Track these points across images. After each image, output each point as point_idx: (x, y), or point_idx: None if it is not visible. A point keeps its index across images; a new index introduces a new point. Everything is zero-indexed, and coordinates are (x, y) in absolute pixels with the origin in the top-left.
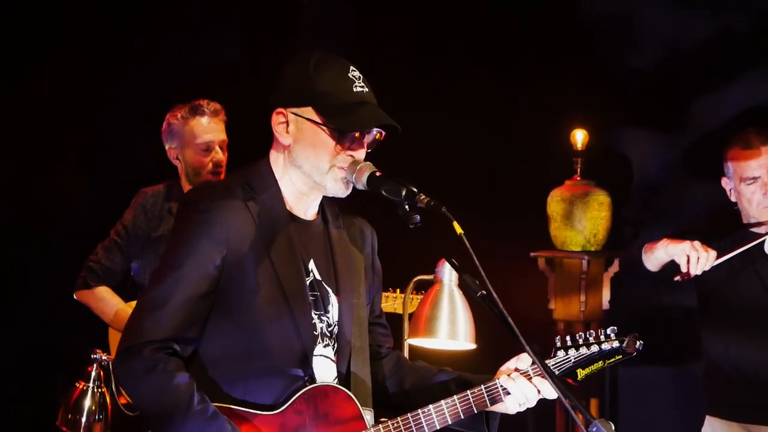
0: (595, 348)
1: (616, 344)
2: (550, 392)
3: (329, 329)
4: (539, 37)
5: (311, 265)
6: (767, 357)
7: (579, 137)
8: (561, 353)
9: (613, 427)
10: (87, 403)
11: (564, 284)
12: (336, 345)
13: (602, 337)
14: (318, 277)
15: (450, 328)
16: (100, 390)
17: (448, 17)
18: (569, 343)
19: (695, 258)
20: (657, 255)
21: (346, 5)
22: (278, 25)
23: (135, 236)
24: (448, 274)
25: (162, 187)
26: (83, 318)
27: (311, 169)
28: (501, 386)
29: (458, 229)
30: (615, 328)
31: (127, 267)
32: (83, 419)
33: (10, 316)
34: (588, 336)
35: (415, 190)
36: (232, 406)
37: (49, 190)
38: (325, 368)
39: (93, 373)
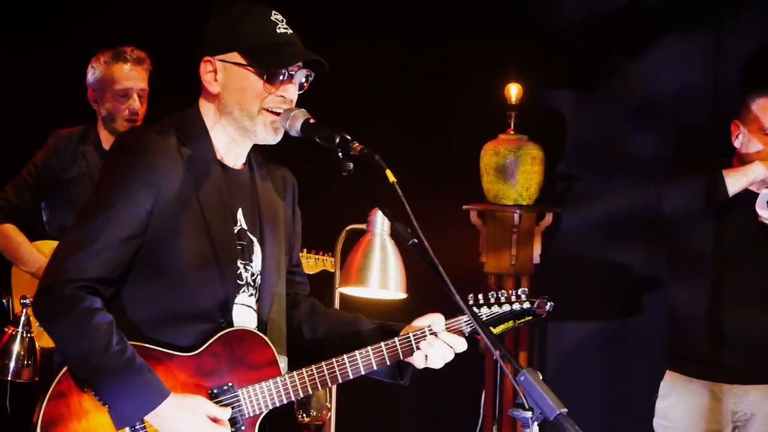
0: (506, 308)
1: (527, 305)
2: (462, 347)
3: (252, 278)
4: None
5: (239, 214)
6: (743, 313)
7: (513, 91)
8: (485, 309)
9: (541, 377)
10: (16, 347)
11: (495, 238)
12: (258, 294)
13: (513, 298)
14: (245, 226)
15: (381, 277)
16: (29, 335)
17: None
18: (481, 301)
19: None
20: (739, 178)
21: None
22: None
23: (45, 176)
24: (380, 223)
25: (77, 130)
26: None
27: (241, 114)
28: (414, 343)
29: (391, 177)
30: (526, 289)
31: (37, 207)
32: (11, 364)
33: None
34: (500, 295)
35: (348, 137)
36: (150, 346)
37: None
38: (246, 316)
39: (22, 318)
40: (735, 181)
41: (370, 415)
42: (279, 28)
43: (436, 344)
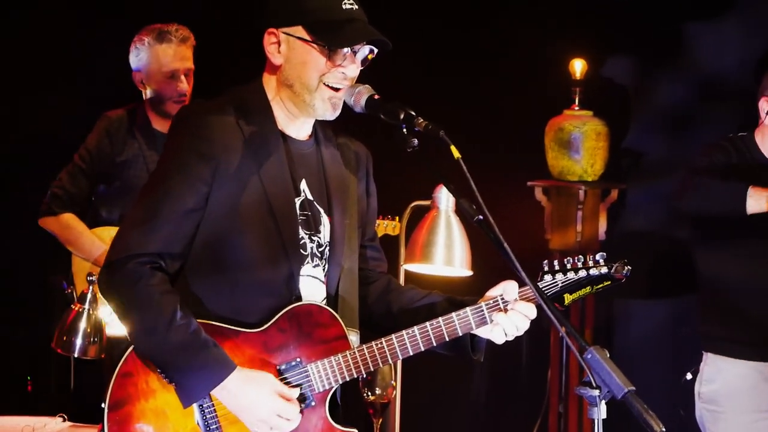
0: (582, 273)
1: (604, 270)
2: (533, 314)
3: (320, 250)
4: None
5: (303, 185)
6: None
7: (578, 67)
8: (548, 277)
9: (608, 354)
10: (82, 325)
11: (560, 214)
12: (326, 266)
13: (590, 263)
14: (310, 197)
15: (446, 253)
16: (95, 312)
17: None
18: (557, 267)
19: None
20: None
21: None
22: None
23: (99, 160)
24: (445, 199)
25: (125, 111)
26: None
27: (301, 87)
28: (486, 310)
29: (456, 153)
30: (604, 254)
31: (92, 192)
32: (78, 341)
33: None
34: (576, 261)
35: (413, 113)
36: (215, 323)
37: (10, 116)
38: (313, 288)
39: (89, 296)
40: (756, 203)
41: (435, 394)
42: (345, 3)
43: (509, 313)
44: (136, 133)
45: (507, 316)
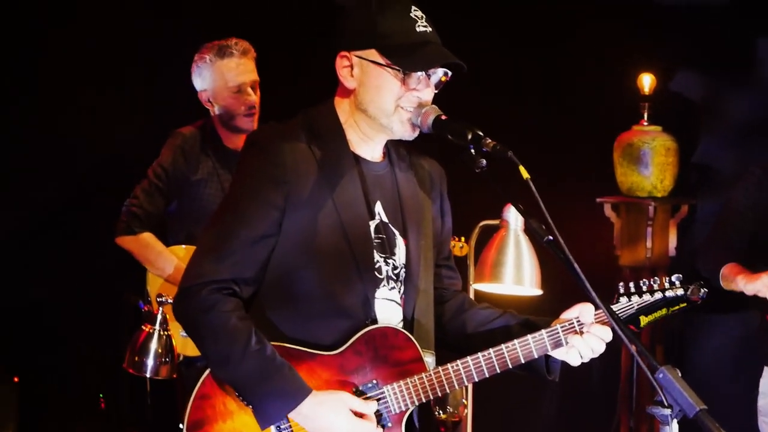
0: (658, 295)
1: (680, 292)
2: (609, 337)
3: (395, 272)
4: None
5: (377, 207)
6: None
7: (646, 82)
8: (624, 299)
9: (679, 373)
10: (153, 345)
11: (630, 230)
12: (402, 288)
13: (666, 285)
14: (385, 219)
15: (516, 273)
16: (166, 333)
17: None
18: (632, 289)
19: None
20: (734, 287)
21: None
22: None
23: (175, 178)
24: (514, 218)
25: (196, 129)
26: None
27: (376, 111)
28: (562, 333)
29: (524, 174)
30: (680, 275)
31: (166, 210)
32: (149, 362)
33: (69, 257)
34: (652, 283)
35: (480, 133)
36: (291, 346)
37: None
38: (389, 311)
39: (159, 317)
40: (731, 287)
41: (506, 412)
42: (419, 26)
43: (585, 336)
44: (209, 151)
45: (583, 339)
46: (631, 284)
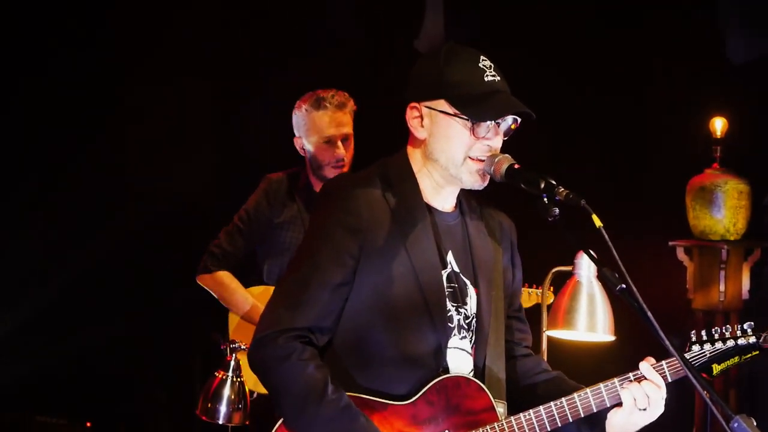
0: (731, 343)
1: (752, 339)
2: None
3: (466, 321)
4: (675, 27)
5: (449, 257)
6: None
7: (718, 125)
8: (696, 347)
9: (754, 422)
10: (226, 392)
11: (703, 274)
12: (473, 337)
13: (738, 332)
14: (456, 269)
15: (589, 320)
16: (239, 379)
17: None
18: (705, 337)
19: None
20: None
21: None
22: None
23: (257, 221)
24: (586, 266)
25: (286, 175)
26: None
27: (447, 161)
28: (618, 387)
29: (597, 222)
30: (752, 323)
31: (249, 252)
32: (222, 408)
33: (144, 303)
34: (724, 331)
35: (553, 182)
36: (365, 396)
37: (176, 179)
38: (460, 360)
39: (232, 363)
40: None
41: None
42: (487, 75)
43: (642, 383)
44: (296, 196)
45: (639, 385)
46: (703, 332)
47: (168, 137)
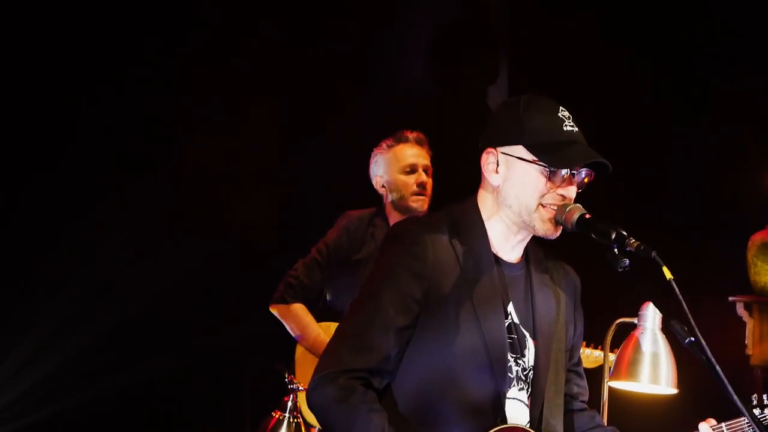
0: None
1: None
2: None
3: (524, 373)
4: (731, 84)
5: (510, 307)
6: None
7: None
8: (757, 411)
9: None
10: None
11: (763, 330)
12: (530, 389)
13: None
14: (516, 320)
15: (652, 372)
16: (296, 420)
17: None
18: (766, 401)
19: None
20: None
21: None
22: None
23: (336, 256)
24: (651, 317)
25: (367, 212)
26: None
27: (520, 207)
28: None
29: (668, 275)
30: None
31: (324, 286)
32: None
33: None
34: None
35: (624, 233)
36: None
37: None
38: (518, 411)
39: (289, 403)
40: None
41: None
42: (566, 125)
43: None
44: (376, 233)
45: None
46: (765, 396)
47: (227, 175)
